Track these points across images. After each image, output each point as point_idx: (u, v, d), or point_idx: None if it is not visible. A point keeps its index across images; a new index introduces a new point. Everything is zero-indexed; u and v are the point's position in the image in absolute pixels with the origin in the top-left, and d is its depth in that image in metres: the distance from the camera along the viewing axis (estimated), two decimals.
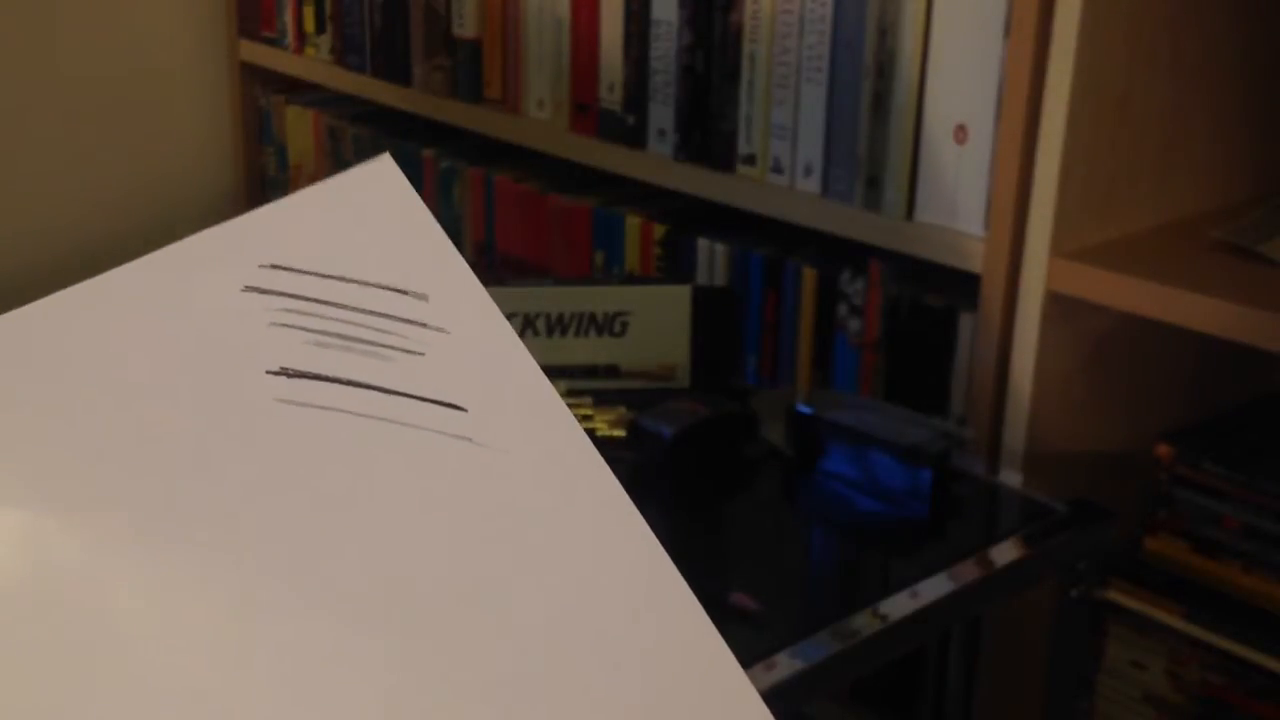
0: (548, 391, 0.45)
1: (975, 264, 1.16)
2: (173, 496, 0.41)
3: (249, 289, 0.45)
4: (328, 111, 1.82)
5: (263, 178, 1.94)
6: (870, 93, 1.22)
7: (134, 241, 1.80)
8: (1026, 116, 1.10)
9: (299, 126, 1.86)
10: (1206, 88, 1.18)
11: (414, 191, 0.48)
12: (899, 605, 0.96)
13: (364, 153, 1.76)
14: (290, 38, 1.81)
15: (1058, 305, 1.12)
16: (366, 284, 0.45)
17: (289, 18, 1.81)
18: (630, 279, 1.42)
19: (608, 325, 1.24)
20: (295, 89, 1.88)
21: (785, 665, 0.86)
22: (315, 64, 1.78)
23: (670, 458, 1.09)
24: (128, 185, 1.89)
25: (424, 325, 0.45)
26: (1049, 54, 1.08)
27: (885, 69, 1.20)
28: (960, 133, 1.17)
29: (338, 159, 1.80)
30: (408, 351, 0.44)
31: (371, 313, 0.44)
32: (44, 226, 1.83)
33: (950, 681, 1.24)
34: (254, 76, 1.91)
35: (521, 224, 1.57)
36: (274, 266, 0.45)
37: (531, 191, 1.56)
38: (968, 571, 1.01)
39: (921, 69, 1.18)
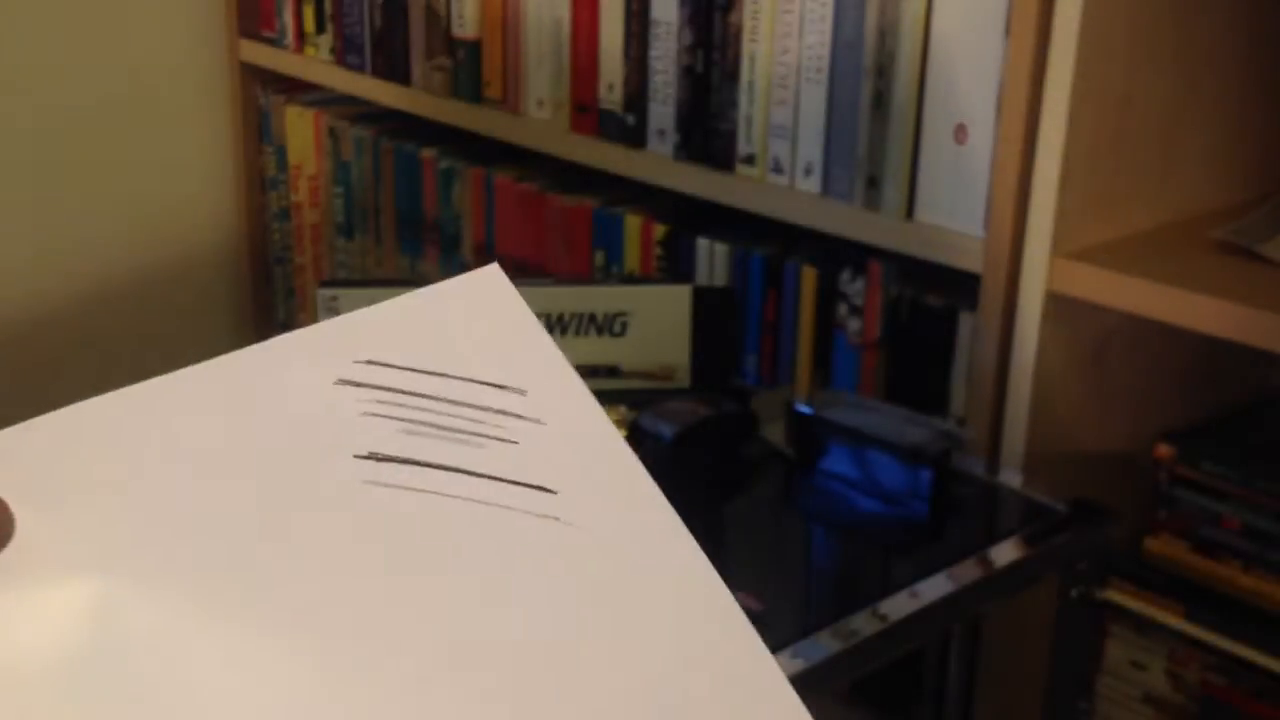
0: (643, 479, 0.45)
1: (975, 264, 1.16)
2: (251, 571, 0.41)
3: (342, 382, 0.45)
4: (328, 111, 1.82)
5: (263, 178, 1.94)
6: (870, 93, 1.22)
7: (134, 241, 1.81)
8: (1026, 116, 1.10)
9: (299, 126, 1.86)
10: (1207, 88, 1.18)
11: (519, 297, 0.48)
12: (899, 605, 0.96)
13: (364, 153, 1.76)
14: (290, 38, 1.81)
15: (1058, 305, 1.12)
16: (463, 379, 0.45)
17: (289, 18, 1.81)
18: (630, 279, 1.42)
19: (608, 325, 1.24)
20: (295, 89, 1.88)
21: (785, 665, 0.86)
22: (315, 64, 1.78)
23: (670, 458, 1.09)
24: (128, 185, 1.89)
25: (520, 417, 0.45)
26: (1049, 54, 1.08)
27: (885, 69, 1.20)
28: (960, 133, 1.17)
29: (338, 159, 1.80)
30: (500, 440, 0.44)
31: (467, 404, 0.44)
32: (44, 226, 1.83)
33: (950, 681, 1.24)
34: (254, 76, 1.91)
35: (521, 224, 1.57)
36: (370, 362, 0.45)
37: (531, 191, 1.56)
38: (968, 571, 1.01)
39: (921, 69, 1.18)
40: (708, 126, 1.36)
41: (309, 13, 1.78)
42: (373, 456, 0.43)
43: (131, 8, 1.85)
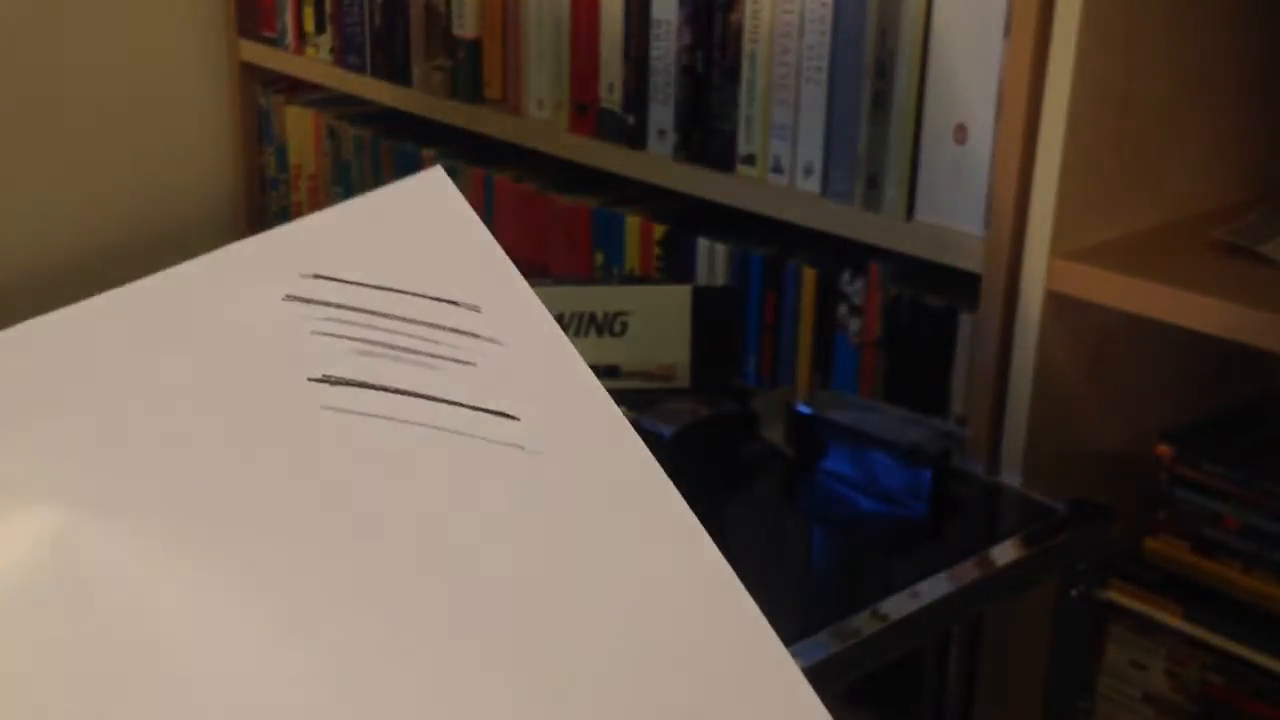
0: (603, 400, 0.45)
1: (975, 264, 1.16)
2: (212, 501, 0.40)
3: (290, 298, 0.44)
4: (328, 111, 1.82)
5: (263, 178, 1.94)
6: (870, 93, 1.22)
7: (134, 241, 1.81)
8: (1026, 116, 1.10)
9: (299, 126, 1.86)
10: (1206, 88, 1.18)
11: (466, 203, 0.47)
12: (899, 605, 0.96)
13: (364, 153, 1.76)
14: (290, 38, 1.81)
15: (1058, 305, 1.12)
16: (415, 294, 0.44)
17: (289, 18, 1.81)
18: (630, 279, 1.42)
19: (608, 325, 1.24)
20: (295, 89, 1.88)
21: None
22: (315, 64, 1.78)
23: (670, 458, 1.09)
24: (128, 184, 1.89)
25: (476, 336, 0.44)
26: (1049, 54, 1.08)
27: (885, 69, 1.20)
28: (960, 133, 1.17)
29: (338, 159, 1.80)
30: (458, 361, 0.43)
31: (420, 323, 0.44)
32: (44, 225, 1.83)
33: (950, 681, 1.24)
34: (254, 76, 1.91)
35: (521, 224, 1.57)
36: (316, 276, 0.44)
37: (531, 191, 1.56)
38: (968, 571, 1.01)
39: (921, 69, 1.18)
40: (708, 126, 1.36)
41: (309, 13, 1.78)
42: (326, 380, 0.42)
43: (132, 8, 1.85)
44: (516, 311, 0.45)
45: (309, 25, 1.78)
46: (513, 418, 0.43)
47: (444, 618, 0.40)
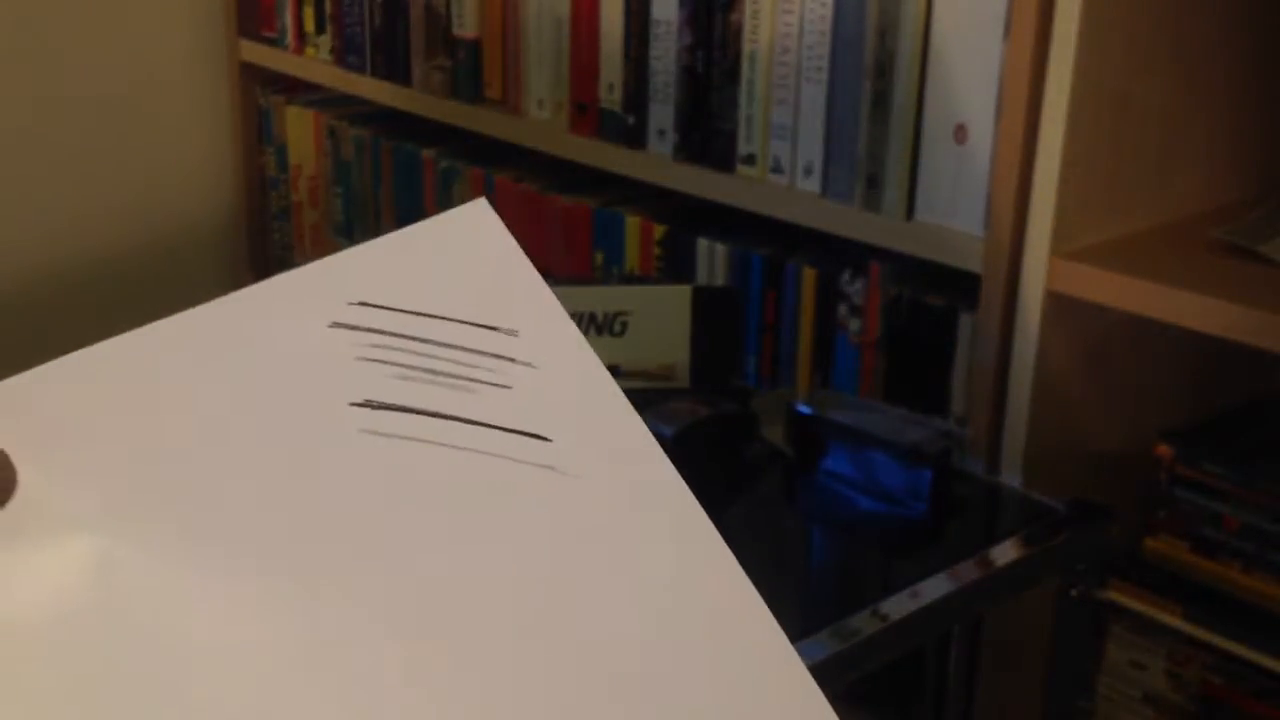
0: (635, 425, 0.45)
1: (975, 264, 1.16)
2: (250, 527, 0.41)
3: (336, 325, 0.44)
4: (328, 111, 1.82)
5: (263, 178, 1.94)
6: (870, 93, 1.22)
7: (134, 241, 1.81)
8: (1026, 116, 1.10)
9: (299, 126, 1.86)
10: (1206, 88, 1.18)
11: (508, 233, 0.48)
12: (899, 605, 0.96)
13: (364, 153, 1.76)
14: (290, 38, 1.81)
15: (1058, 305, 1.12)
16: (455, 320, 0.45)
17: (289, 18, 1.81)
18: (630, 279, 1.42)
19: (608, 325, 1.24)
20: (295, 89, 1.88)
21: None
22: (315, 64, 1.78)
23: (670, 458, 1.09)
24: (128, 185, 1.89)
25: (512, 360, 0.45)
26: (1049, 54, 1.08)
27: (885, 69, 1.20)
28: (960, 133, 1.17)
29: (338, 159, 1.80)
30: (494, 385, 0.44)
31: (458, 348, 0.44)
32: (44, 225, 1.83)
33: (950, 681, 1.24)
34: (254, 76, 1.91)
35: (521, 224, 1.57)
36: (362, 304, 0.45)
37: (531, 191, 1.56)
38: (968, 571, 1.01)
39: (921, 69, 1.18)
40: (708, 126, 1.36)
41: (309, 13, 1.78)
42: (368, 404, 0.43)
43: (132, 8, 1.85)
44: (552, 336, 0.46)
45: (309, 25, 1.78)
46: (546, 439, 0.43)
47: (477, 645, 0.40)
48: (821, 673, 0.94)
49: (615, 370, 0.44)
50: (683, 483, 0.45)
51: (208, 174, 1.95)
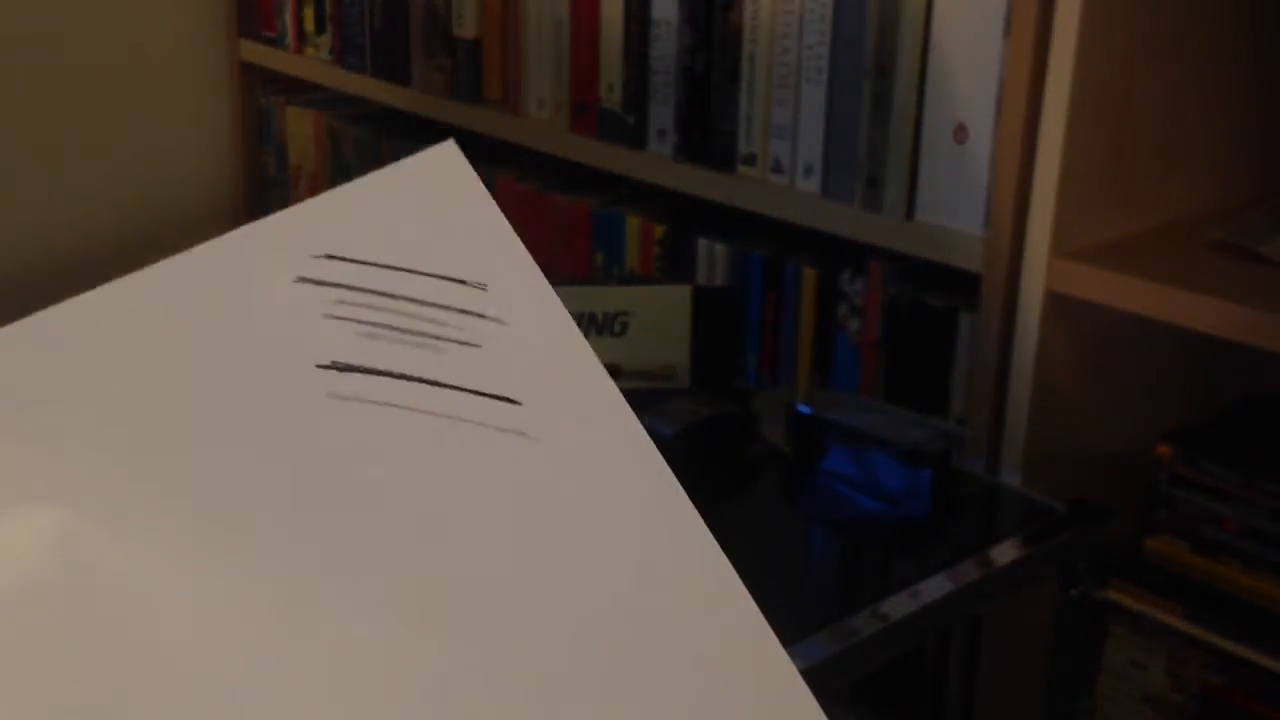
0: (605, 385, 0.45)
1: (975, 264, 1.16)
2: (218, 493, 0.40)
3: (302, 280, 0.44)
4: (328, 111, 1.82)
5: (263, 178, 1.94)
6: (870, 93, 1.22)
7: (134, 241, 1.80)
8: (1026, 116, 1.10)
9: (299, 126, 1.86)
10: (1207, 88, 1.18)
11: (476, 177, 0.47)
12: (899, 605, 0.96)
13: (364, 153, 1.76)
14: (290, 38, 1.81)
15: (1058, 305, 1.12)
16: (423, 274, 0.44)
17: (289, 18, 1.81)
18: (630, 279, 1.42)
19: (608, 325, 1.24)
20: (295, 89, 1.88)
21: None
22: (315, 64, 1.78)
23: (671, 458, 1.09)
24: (128, 185, 1.89)
25: (481, 316, 0.44)
26: (1049, 54, 1.08)
27: (885, 69, 1.20)
28: (960, 133, 1.17)
29: (338, 159, 1.80)
30: (463, 343, 0.43)
31: (427, 303, 0.44)
32: (44, 225, 1.83)
33: (950, 681, 1.24)
34: (254, 76, 1.91)
35: (521, 224, 1.56)
36: (329, 256, 0.44)
37: (531, 191, 1.56)
38: (968, 571, 1.01)
39: (921, 69, 1.18)
40: (708, 126, 1.36)
41: (309, 13, 1.78)
42: (334, 366, 0.42)
43: (132, 8, 1.85)
44: (522, 290, 0.45)
45: (309, 25, 1.78)
46: (515, 402, 0.43)
47: (443, 605, 0.40)
48: (821, 673, 0.94)
49: (615, 370, 0.44)
50: (653, 445, 0.44)
51: (208, 174, 1.95)
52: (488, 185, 1.62)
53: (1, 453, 0.40)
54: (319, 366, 0.42)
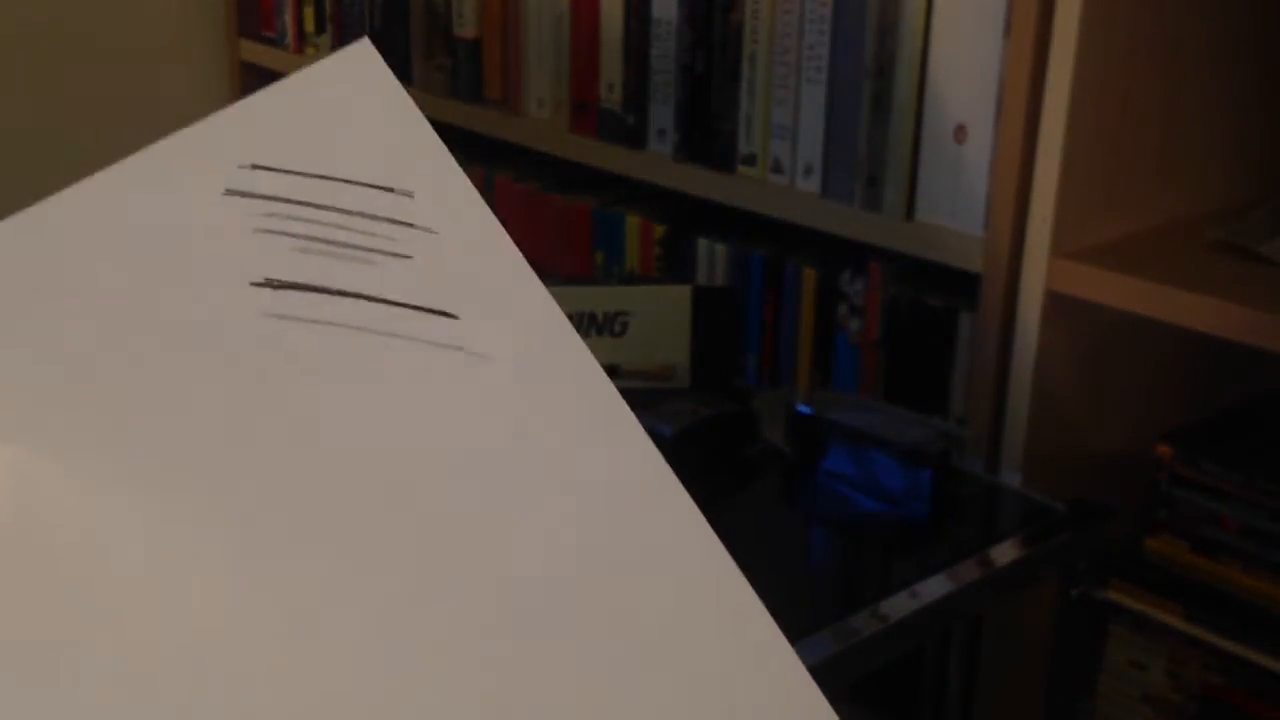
0: (539, 292, 0.44)
1: (975, 264, 1.16)
2: (156, 426, 0.39)
3: (230, 192, 0.43)
4: None
5: None
6: (870, 93, 1.22)
7: None
8: (1026, 116, 1.10)
9: None
10: (1207, 88, 1.18)
11: (395, 80, 0.46)
12: (899, 605, 0.96)
13: None
14: (290, 38, 1.81)
15: (1058, 305, 1.12)
16: (350, 182, 0.43)
17: (289, 18, 1.81)
18: (630, 279, 1.42)
19: (608, 325, 1.24)
20: None
21: None
22: None
23: (671, 458, 1.09)
24: None
25: (410, 225, 0.43)
26: (1049, 54, 1.08)
27: (885, 69, 1.20)
28: (960, 133, 1.17)
29: None
30: (395, 255, 0.42)
31: (356, 214, 0.43)
32: None
33: (950, 681, 1.24)
34: (254, 76, 1.91)
35: (521, 224, 1.57)
36: (255, 167, 0.43)
37: (531, 191, 1.56)
38: (968, 571, 1.01)
39: (921, 69, 1.18)
40: (708, 126, 1.36)
41: (309, 13, 1.78)
42: (269, 283, 0.41)
43: (132, 8, 1.85)
44: (448, 195, 0.44)
45: (309, 25, 1.78)
46: (452, 316, 0.42)
47: (392, 531, 0.39)
48: (821, 673, 0.94)
49: (615, 370, 0.43)
50: (590, 355, 0.44)
51: None
52: (488, 185, 1.62)
53: None
54: (254, 284, 0.41)
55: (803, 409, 1.13)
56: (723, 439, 1.15)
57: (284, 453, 0.40)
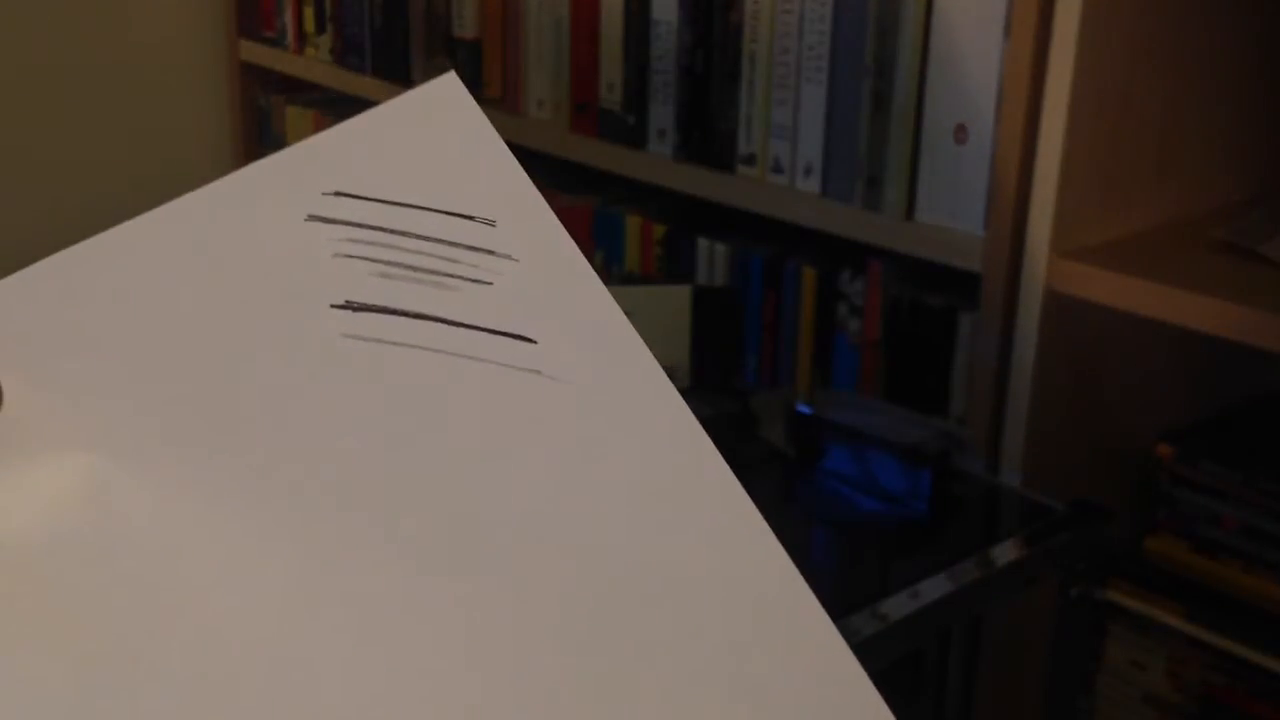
0: (619, 320, 0.45)
1: (975, 264, 1.16)
2: (239, 440, 0.40)
3: (312, 218, 0.44)
4: (328, 111, 1.82)
5: None
6: (870, 93, 1.22)
7: None
8: (1026, 116, 1.10)
9: (299, 126, 1.86)
10: (1207, 87, 1.18)
11: (480, 111, 0.47)
12: (899, 605, 0.96)
13: None
14: (290, 38, 1.81)
15: (1058, 305, 1.12)
16: (432, 210, 0.44)
17: (289, 18, 1.81)
18: (630, 279, 1.42)
19: None
20: (295, 89, 1.88)
21: None
22: (315, 64, 1.78)
23: None
24: (127, 184, 1.89)
25: (491, 252, 0.44)
26: (1049, 54, 1.08)
27: (885, 69, 1.20)
28: (960, 133, 1.17)
29: None
30: (475, 281, 0.43)
31: (438, 240, 0.43)
32: (43, 225, 1.83)
33: (950, 681, 1.24)
34: (254, 76, 1.91)
35: None
36: (338, 194, 0.44)
37: None
38: (968, 571, 1.01)
39: (921, 69, 1.18)
40: (708, 126, 1.36)
41: (309, 13, 1.78)
42: (349, 306, 0.42)
43: (132, 7, 1.85)
44: (531, 225, 0.45)
45: (309, 25, 1.78)
46: (530, 340, 0.42)
47: (468, 551, 0.39)
48: None
49: None
50: (669, 382, 0.44)
51: (207, 174, 1.95)
52: None
53: (26, 396, 0.39)
54: (334, 306, 0.42)
55: (803, 409, 1.13)
56: (722, 439, 1.15)
57: (362, 467, 0.40)
